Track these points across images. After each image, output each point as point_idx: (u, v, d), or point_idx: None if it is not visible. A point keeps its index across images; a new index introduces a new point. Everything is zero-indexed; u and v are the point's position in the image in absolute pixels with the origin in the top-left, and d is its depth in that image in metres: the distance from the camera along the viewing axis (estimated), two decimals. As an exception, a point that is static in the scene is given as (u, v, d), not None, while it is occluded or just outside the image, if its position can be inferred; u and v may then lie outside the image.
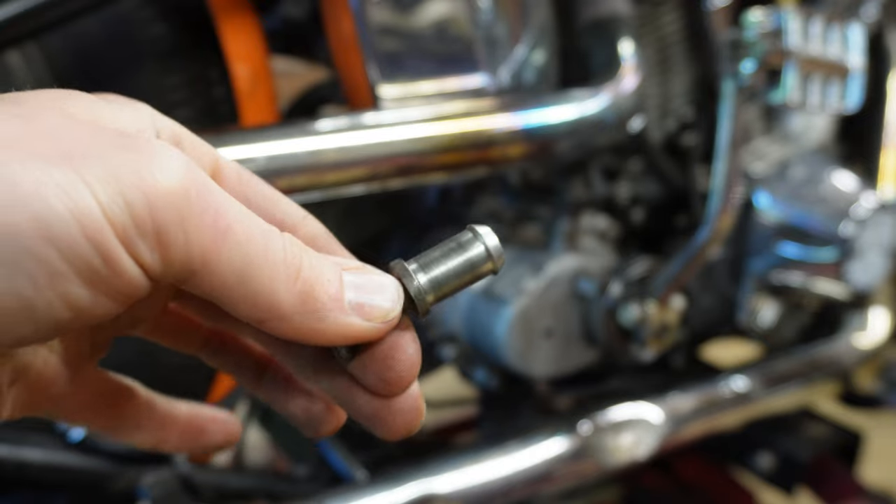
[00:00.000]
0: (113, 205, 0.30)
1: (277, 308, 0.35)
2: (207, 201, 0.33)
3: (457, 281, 0.40)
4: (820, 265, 1.13)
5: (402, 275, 0.40)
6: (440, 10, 0.85)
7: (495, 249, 0.40)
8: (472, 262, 0.40)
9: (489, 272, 0.41)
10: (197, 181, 0.33)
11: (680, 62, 1.16)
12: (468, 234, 0.41)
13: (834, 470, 1.39)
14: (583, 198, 1.08)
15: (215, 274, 0.34)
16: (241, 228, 0.34)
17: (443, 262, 0.40)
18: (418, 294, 0.40)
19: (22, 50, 0.82)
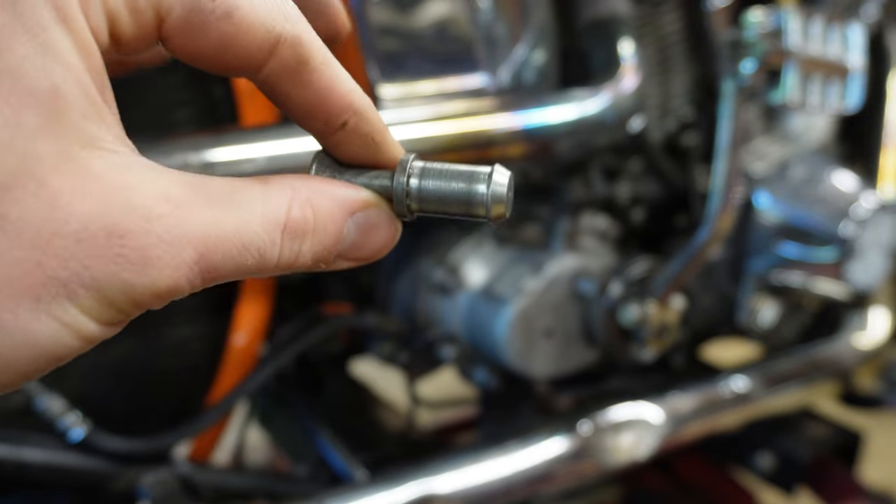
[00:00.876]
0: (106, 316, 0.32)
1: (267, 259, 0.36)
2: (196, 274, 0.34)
3: (446, 205, 0.39)
4: (820, 265, 1.13)
5: (398, 170, 0.39)
6: (440, 10, 0.85)
7: (495, 196, 0.38)
8: (470, 196, 0.38)
9: (481, 216, 0.39)
10: (187, 266, 0.33)
11: (680, 62, 1.16)
12: (486, 170, 0.38)
13: (834, 470, 1.39)
14: (583, 198, 1.08)
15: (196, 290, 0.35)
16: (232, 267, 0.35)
17: (444, 179, 0.38)
18: (400, 194, 0.38)
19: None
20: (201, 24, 0.36)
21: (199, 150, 0.69)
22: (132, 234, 0.31)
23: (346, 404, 1.30)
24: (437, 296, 1.11)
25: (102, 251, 0.31)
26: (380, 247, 0.39)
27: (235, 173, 0.70)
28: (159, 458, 0.93)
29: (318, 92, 0.38)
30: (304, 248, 0.37)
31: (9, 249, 0.29)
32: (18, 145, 0.30)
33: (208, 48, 0.36)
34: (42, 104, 0.30)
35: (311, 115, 0.39)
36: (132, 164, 0.33)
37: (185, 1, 0.35)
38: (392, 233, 0.40)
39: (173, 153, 0.68)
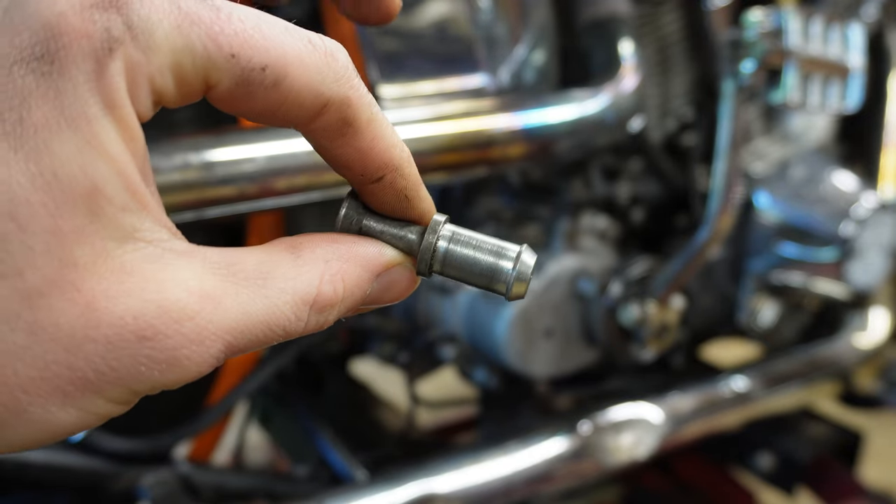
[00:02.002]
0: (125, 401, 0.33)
1: (292, 331, 0.36)
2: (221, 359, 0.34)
3: (468, 274, 0.40)
4: (820, 265, 1.13)
5: (430, 230, 0.39)
6: (440, 10, 0.85)
7: (520, 277, 0.39)
8: (494, 272, 0.39)
9: (500, 292, 0.40)
10: (214, 357, 0.34)
11: (680, 62, 1.16)
12: (515, 248, 0.40)
13: (834, 470, 1.39)
14: (583, 198, 1.08)
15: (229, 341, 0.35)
16: (257, 344, 0.35)
17: (472, 249, 0.39)
18: (426, 255, 0.39)
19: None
20: (249, 94, 0.36)
21: (199, 150, 0.69)
22: (162, 337, 0.32)
23: (346, 404, 1.30)
24: (437, 296, 1.11)
25: (132, 353, 0.31)
26: (395, 298, 0.40)
27: (235, 173, 0.70)
28: (159, 458, 0.93)
29: (359, 150, 0.38)
30: (329, 317, 0.37)
31: (42, 354, 0.30)
32: (55, 253, 0.30)
33: (254, 111, 0.37)
34: (80, 206, 0.31)
35: (350, 168, 0.39)
36: (167, 254, 0.33)
37: (235, 72, 0.35)
38: (410, 286, 0.40)
39: (173, 153, 0.68)
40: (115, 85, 0.32)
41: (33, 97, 0.31)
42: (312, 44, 0.36)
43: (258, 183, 0.71)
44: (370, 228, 0.40)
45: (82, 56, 0.31)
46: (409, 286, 0.40)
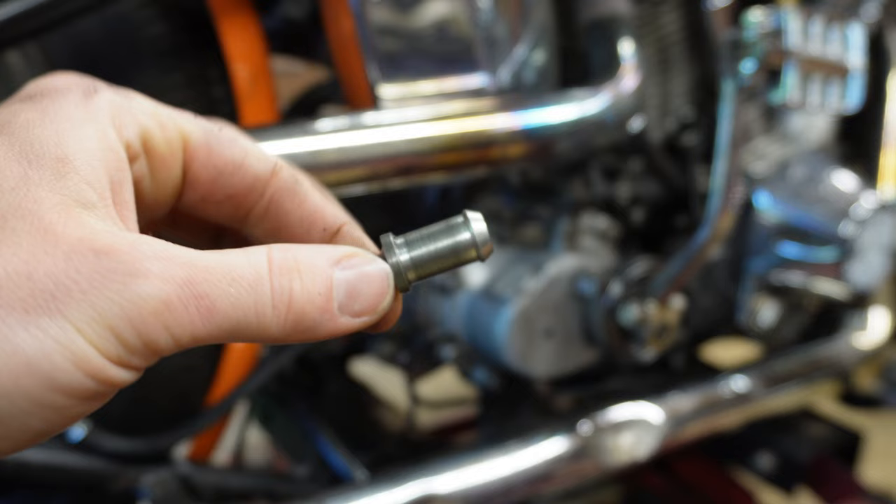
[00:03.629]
0: (106, 343, 0.33)
1: (272, 335, 0.38)
2: (189, 296, 0.35)
3: (439, 263, 0.42)
4: (820, 265, 1.13)
5: (387, 250, 0.41)
6: (440, 10, 0.85)
7: (481, 237, 0.42)
8: (458, 246, 0.41)
9: (473, 259, 0.42)
10: (176, 281, 0.35)
11: (680, 62, 1.16)
12: (459, 218, 0.42)
13: (834, 470, 1.39)
14: (583, 198, 1.08)
15: (208, 340, 0.36)
16: (226, 301, 0.36)
17: (429, 242, 0.41)
18: (398, 270, 0.41)
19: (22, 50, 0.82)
20: (217, 143, 0.44)
21: (199, 150, 0.69)
22: (120, 252, 0.33)
23: (346, 404, 1.30)
24: (437, 296, 1.11)
25: (91, 267, 0.33)
26: (377, 296, 0.40)
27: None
28: (159, 458, 0.93)
29: (314, 206, 0.45)
30: (294, 286, 0.38)
31: (3, 265, 0.32)
32: (20, 191, 0.33)
33: (227, 164, 0.44)
34: (49, 167, 0.35)
35: (312, 226, 0.45)
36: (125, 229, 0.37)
37: (202, 125, 0.44)
38: (383, 283, 0.41)
39: (173, 153, 0.68)
40: (98, 106, 0.39)
41: (23, 110, 0.37)
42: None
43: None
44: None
45: (70, 90, 0.39)
46: (381, 278, 0.41)
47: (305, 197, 0.45)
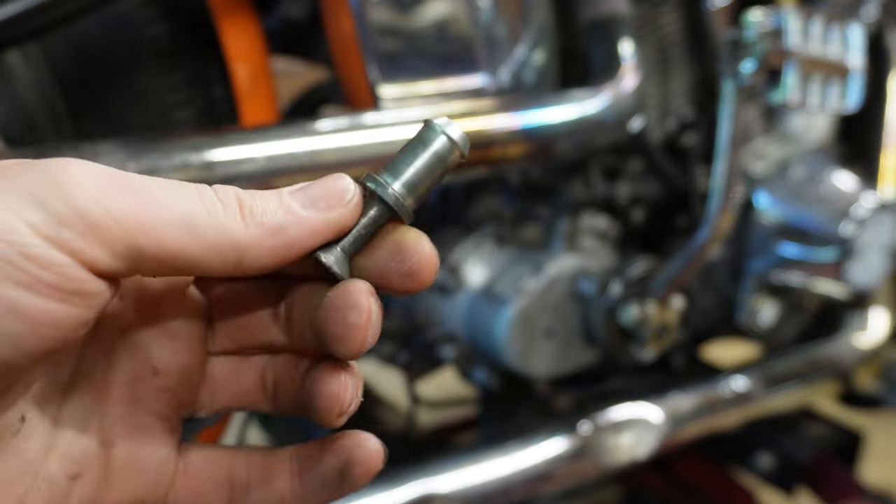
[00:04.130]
0: (25, 207, 0.32)
1: (239, 240, 0.36)
2: (122, 181, 0.34)
3: (430, 177, 0.41)
4: (820, 265, 1.13)
5: (375, 187, 0.40)
6: (440, 10, 0.85)
7: (459, 137, 0.41)
8: (440, 154, 0.40)
9: (458, 159, 0.41)
10: (106, 169, 0.34)
11: (680, 62, 1.16)
12: (426, 129, 0.41)
13: (834, 470, 1.39)
14: (583, 198, 1.08)
15: (160, 231, 0.34)
16: (162, 188, 0.35)
17: (410, 162, 0.40)
18: (397, 202, 0.40)
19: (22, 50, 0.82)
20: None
21: (199, 150, 0.69)
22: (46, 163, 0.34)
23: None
24: (437, 296, 1.11)
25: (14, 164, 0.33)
26: (340, 189, 0.39)
27: (235, 173, 0.70)
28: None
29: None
30: (240, 193, 0.37)
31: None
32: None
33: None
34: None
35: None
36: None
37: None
38: (339, 178, 0.40)
39: (173, 153, 0.68)
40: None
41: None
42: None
43: (258, 183, 0.71)
44: (351, 247, 0.40)
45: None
46: (342, 183, 0.40)
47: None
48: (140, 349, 0.41)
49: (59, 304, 0.32)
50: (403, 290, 0.40)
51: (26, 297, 0.31)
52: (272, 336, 0.43)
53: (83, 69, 0.87)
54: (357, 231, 0.40)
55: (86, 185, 0.33)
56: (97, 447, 0.40)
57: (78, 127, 0.86)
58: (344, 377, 0.40)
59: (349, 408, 0.40)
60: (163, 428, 0.42)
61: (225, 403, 0.44)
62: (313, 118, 0.77)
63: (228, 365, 0.44)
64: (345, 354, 0.38)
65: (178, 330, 0.42)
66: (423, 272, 0.39)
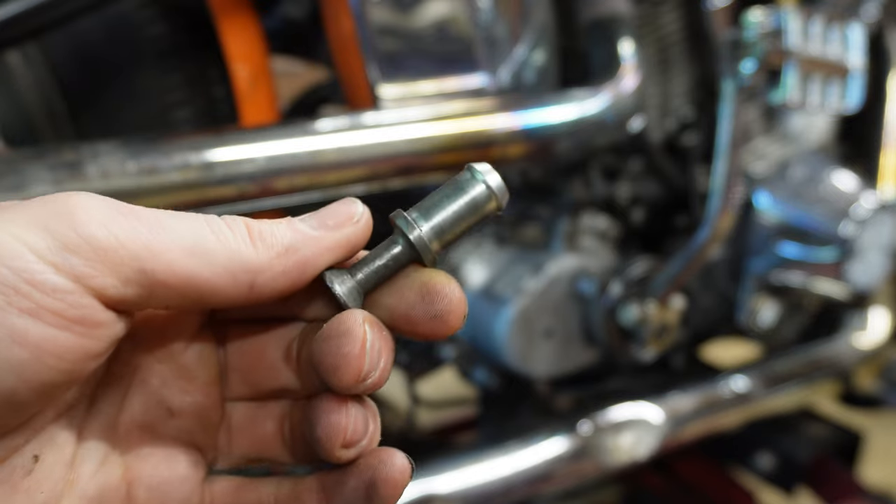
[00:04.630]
0: (29, 233, 0.31)
1: (251, 262, 0.35)
2: (129, 209, 0.34)
3: (461, 225, 0.39)
4: (820, 265, 1.13)
5: (403, 226, 0.38)
6: (440, 10, 0.85)
7: (498, 186, 0.38)
8: (476, 202, 0.38)
9: (494, 210, 0.39)
10: (113, 200, 0.34)
11: (680, 62, 1.16)
12: (467, 174, 0.39)
13: (834, 470, 1.39)
14: (583, 198, 1.08)
15: (170, 256, 0.33)
16: (171, 217, 0.34)
17: (444, 206, 0.38)
18: (421, 244, 0.38)
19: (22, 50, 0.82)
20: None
21: (199, 150, 0.69)
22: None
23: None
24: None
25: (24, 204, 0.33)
26: (348, 208, 0.38)
27: (235, 173, 0.70)
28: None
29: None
30: (249, 221, 0.36)
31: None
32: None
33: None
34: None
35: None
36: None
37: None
38: (348, 201, 0.39)
39: (173, 153, 0.68)
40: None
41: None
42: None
43: (258, 183, 0.71)
44: (367, 279, 0.39)
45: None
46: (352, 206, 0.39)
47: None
48: (154, 390, 0.41)
49: (65, 332, 0.32)
50: (430, 334, 0.38)
51: (30, 324, 0.31)
52: (284, 380, 0.43)
53: (83, 69, 0.87)
54: (375, 265, 0.39)
55: (93, 212, 0.33)
56: (118, 483, 0.39)
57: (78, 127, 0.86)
58: (349, 407, 0.38)
59: (357, 441, 0.38)
60: (187, 462, 0.41)
61: (244, 451, 0.43)
62: (313, 118, 0.77)
63: (246, 410, 0.44)
64: (339, 386, 0.36)
65: (193, 371, 0.42)
66: (451, 317, 0.38)
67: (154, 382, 0.41)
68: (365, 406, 0.39)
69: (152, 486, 0.40)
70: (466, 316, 0.39)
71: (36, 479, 0.36)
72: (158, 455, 0.41)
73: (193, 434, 0.42)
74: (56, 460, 0.37)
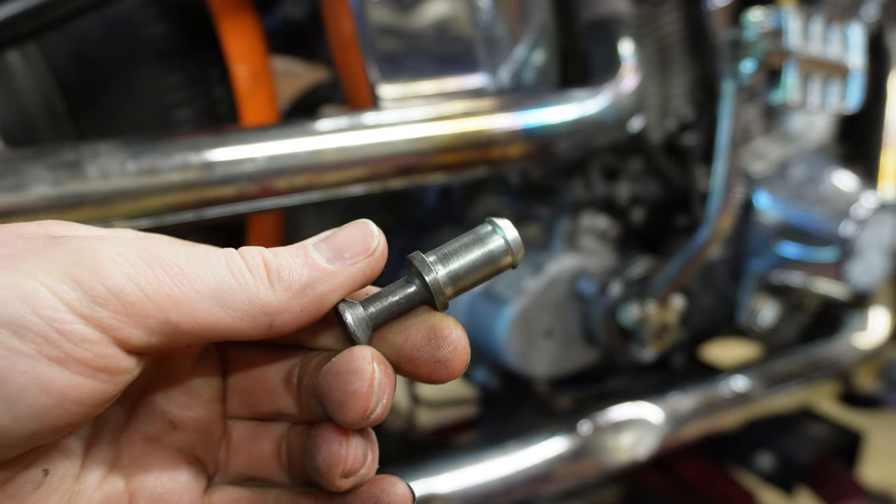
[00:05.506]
0: (60, 284, 0.32)
1: (270, 306, 0.36)
2: (154, 257, 0.34)
3: (476, 274, 0.40)
4: (820, 265, 1.13)
5: (420, 267, 0.39)
6: (440, 10, 0.85)
7: (515, 243, 0.40)
8: (492, 255, 0.40)
9: (509, 266, 0.40)
10: (138, 244, 0.35)
11: (680, 62, 1.16)
12: (487, 226, 0.40)
13: (834, 470, 1.39)
14: (583, 198, 1.08)
15: (193, 307, 0.34)
16: (193, 263, 0.35)
17: (462, 255, 0.40)
18: (436, 287, 0.39)
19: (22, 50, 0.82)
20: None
21: (199, 150, 0.69)
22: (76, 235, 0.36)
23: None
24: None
25: (48, 241, 0.34)
26: (365, 236, 0.39)
27: (235, 173, 0.70)
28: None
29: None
30: (266, 254, 0.37)
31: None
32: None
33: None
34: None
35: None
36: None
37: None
38: (364, 227, 0.39)
39: (173, 153, 0.68)
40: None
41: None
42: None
43: (258, 183, 0.71)
44: (378, 314, 0.39)
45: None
46: (365, 228, 0.39)
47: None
48: (157, 404, 0.42)
49: (89, 379, 0.33)
50: (431, 377, 0.39)
51: (57, 373, 0.32)
52: (283, 404, 0.43)
53: (83, 69, 0.87)
54: (388, 301, 0.39)
55: (120, 263, 0.33)
56: (122, 494, 0.40)
57: (78, 127, 0.86)
58: (350, 439, 0.38)
59: (357, 471, 0.38)
60: (188, 474, 0.42)
61: (241, 469, 0.44)
62: (313, 118, 0.77)
63: (246, 429, 0.44)
64: (344, 421, 0.37)
65: (196, 388, 0.43)
66: (455, 363, 0.39)
67: (158, 398, 0.42)
68: (365, 437, 0.39)
69: (155, 498, 0.41)
70: (468, 365, 0.40)
71: (44, 492, 0.37)
72: (161, 467, 0.41)
73: (195, 447, 0.43)
74: (65, 474, 0.38)
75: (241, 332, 0.36)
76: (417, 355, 0.39)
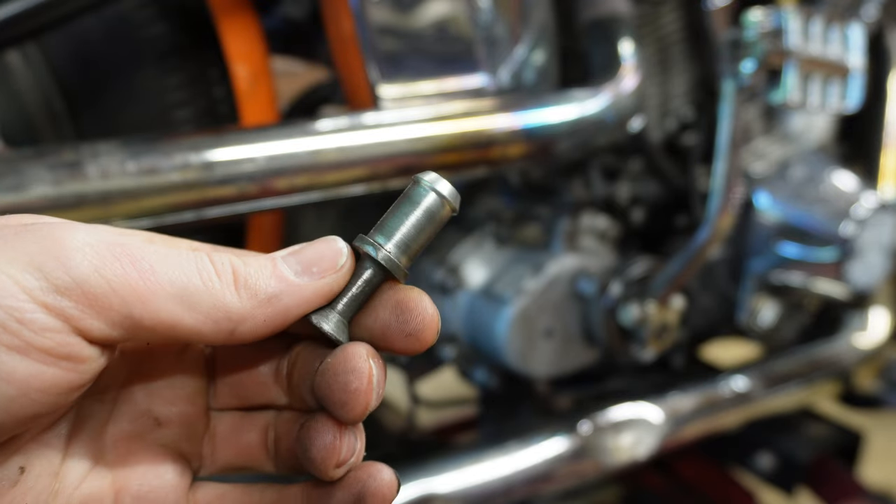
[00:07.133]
0: (24, 273, 0.32)
1: (233, 311, 0.36)
2: (122, 249, 0.34)
3: (423, 235, 0.40)
4: (820, 265, 1.13)
5: (369, 250, 0.39)
6: (440, 10, 0.85)
7: (448, 191, 0.40)
8: (431, 212, 0.40)
9: (449, 215, 0.41)
10: (108, 237, 0.35)
11: (680, 62, 1.16)
12: (416, 186, 0.40)
13: (834, 470, 1.39)
14: (583, 198, 1.08)
15: (157, 304, 0.34)
16: (162, 261, 0.35)
17: (403, 222, 0.40)
18: (390, 263, 0.39)
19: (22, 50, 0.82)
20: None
21: (199, 150, 0.69)
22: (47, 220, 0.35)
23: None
24: (437, 295, 1.11)
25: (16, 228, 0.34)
26: (332, 253, 0.39)
27: (235, 173, 0.70)
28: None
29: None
30: (235, 262, 0.37)
31: None
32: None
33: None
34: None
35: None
36: None
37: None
38: (332, 244, 0.40)
39: (173, 153, 0.68)
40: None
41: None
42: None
43: (258, 183, 0.71)
44: (348, 310, 0.40)
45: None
46: (333, 245, 0.40)
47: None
48: (141, 400, 0.42)
49: (51, 367, 0.33)
50: (406, 350, 0.40)
51: (18, 362, 0.32)
52: (272, 395, 0.44)
53: (83, 69, 0.87)
54: (353, 293, 0.40)
55: (87, 253, 0.33)
56: (105, 492, 0.40)
57: (78, 127, 0.86)
58: (343, 430, 0.39)
59: (348, 461, 0.39)
60: (173, 471, 0.42)
61: (228, 460, 0.44)
62: (313, 118, 0.77)
63: (230, 420, 0.45)
64: (348, 420, 0.38)
65: (179, 382, 0.43)
66: (425, 333, 0.39)
67: (141, 394, 0.42)
68: (355, 427, 0.40)
69: (140, 496, 0.41)
70: (439, 331, 0.40)
71: (21, 490, 0.37)
72: (145, 464, 0.41)
73: (179, 443, 0.43)
74: (42, 471, 0.38)
75: (202, 335, 0.36)
76: (389, 332, 0.40)
